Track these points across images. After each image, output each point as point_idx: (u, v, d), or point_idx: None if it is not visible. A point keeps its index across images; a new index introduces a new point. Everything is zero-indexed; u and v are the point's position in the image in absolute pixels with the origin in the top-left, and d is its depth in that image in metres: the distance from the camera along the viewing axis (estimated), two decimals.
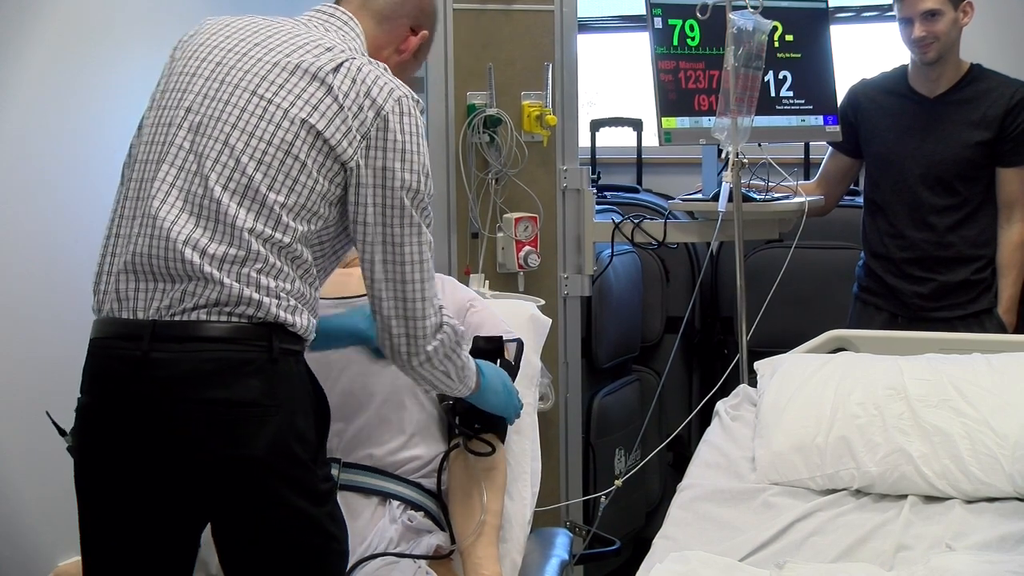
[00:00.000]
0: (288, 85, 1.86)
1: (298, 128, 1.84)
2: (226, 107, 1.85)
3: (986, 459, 2.38)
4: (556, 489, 3.19)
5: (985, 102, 3.11)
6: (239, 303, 1.80)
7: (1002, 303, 3.14)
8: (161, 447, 1.80)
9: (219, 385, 1.78)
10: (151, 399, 1.78)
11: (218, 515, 1.86)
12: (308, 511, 1.87)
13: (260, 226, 1.82)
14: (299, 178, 1.84)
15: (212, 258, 1.80)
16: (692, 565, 2.19)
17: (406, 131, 1.90)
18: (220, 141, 1.83)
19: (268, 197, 1.82)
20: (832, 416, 2.50)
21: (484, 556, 2.32)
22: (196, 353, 1.78)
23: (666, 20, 3.18)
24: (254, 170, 1.82)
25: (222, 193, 1.81)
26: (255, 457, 1.80)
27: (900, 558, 2.25)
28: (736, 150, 3.00)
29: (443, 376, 2.02)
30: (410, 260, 1.92)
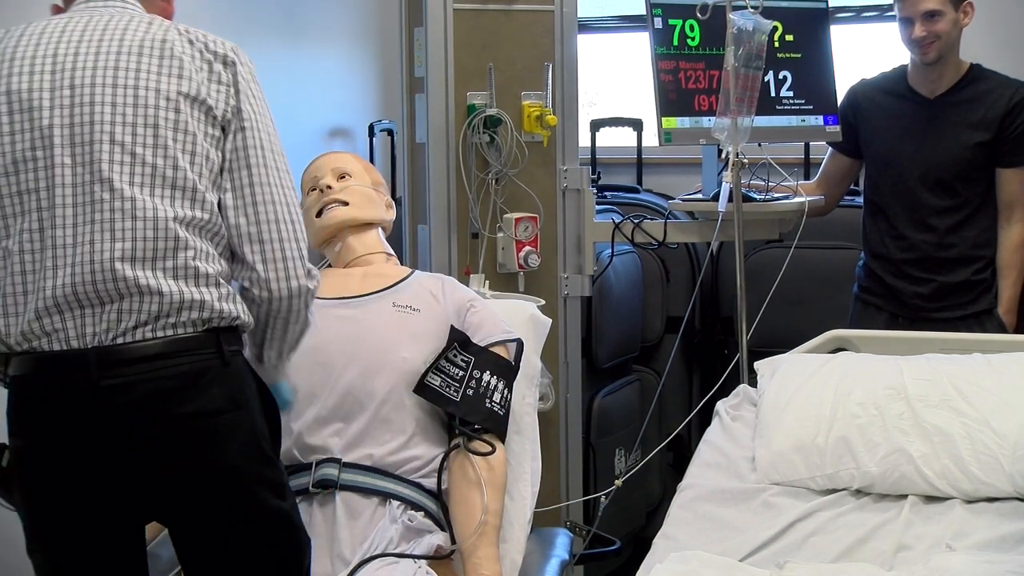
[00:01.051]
0: (143, 65, 1.82)
1: (177, 102, 1.82)
2: (94, 107, 1.79)
3: (986, 459, 2.38)
4: (556, 489, 3.19)
5: (985, 103, 3.11)
6: (181, 309, 1.78)
7: (1002, 303, 3.14)
8: (124, 471, 1.78)
9: (184, 400, 1.78)
10: (111, 426, 1.76)
11: (189, 525, 1.86)
12: (280, 507, 1.91)
13: (180, 210, 1.80)
14: (196, 150, 1.83)
15: (143, 263, 1.77)
16: (692, 565, 2.19)
17: (251, 75, 1.94)
18: (107, 141, 1.78)
19: (177, 178, 1.81)
20: (832, 416, 2.50)
21: (484, 556, 2.32)
22: (152, 372, 1.77)
23: (666, 20, 3.18)
24: (153, 156, 1.80)
25: (132, 190, 1.78)
26: (231, 464, 1.82)
27: (900, 558, 2.25)
28: (736, 150, 3.00)
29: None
30: (281, 201, 1.92)
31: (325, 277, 2.62)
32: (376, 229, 2.67)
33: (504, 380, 2.46)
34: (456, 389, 2.40)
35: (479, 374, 2.42)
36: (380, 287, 2.53)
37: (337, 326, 2.46)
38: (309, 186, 2.68)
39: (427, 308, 2.51)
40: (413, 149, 3.24)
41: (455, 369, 2.42)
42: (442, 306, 2.53)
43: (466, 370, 2.42)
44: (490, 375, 2.43)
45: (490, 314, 2.55)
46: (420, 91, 3.14)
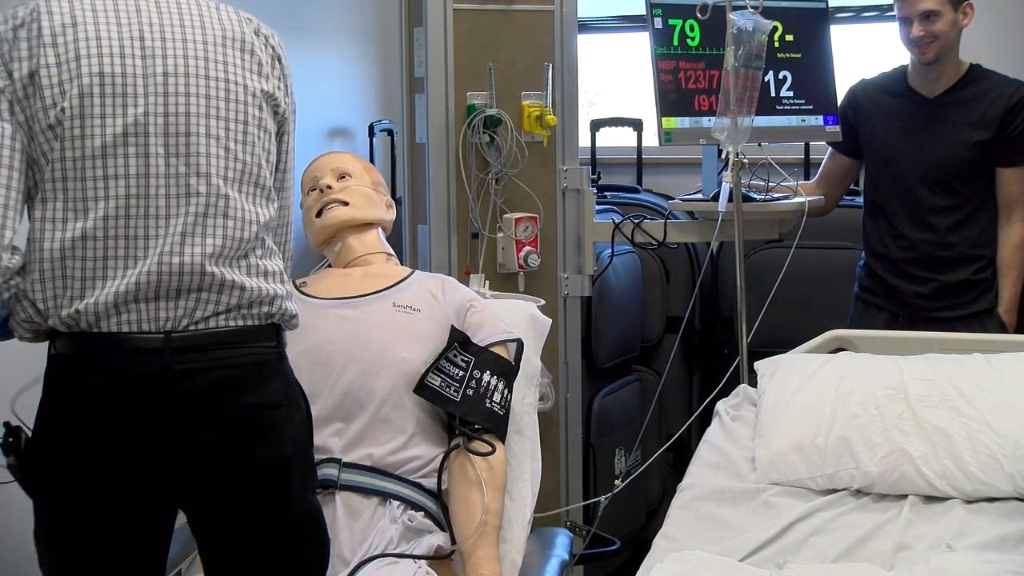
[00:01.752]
0: (230, 58, 1.84)
1: (261, 100, 1.85)
2: (189, 98, 1.79)
3: (986, 459, 2.39)
4: (556, 489, 3.19)
5: (984, 102, 3.11)
6: (257, 303, 1.82)
7: (1003, 303, 3.14)
8: (180, 456, 1.79)
9: (249, 390, 1.81)
10: (176, 411, 1.77)
11: (230, 513, 1.86)
12: (315, 503, 1.96)
13: (262, 210, 1.84)
14: (270, 148, 1.87)
15: (228, 260, 1.80)
16: (692, 565, 2.19)
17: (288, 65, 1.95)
18: (203, 135, 1.79)
19: (260, 176, 1.84)
20: (832, 416, 2.51)
21: (484, 556, 2.32)
22: (222, 360, 1.79)
23: (666, 20, 3.18)
24: (243, 153, 1.82)
25: (227, 187, 1.80)
26: (287, 456, 1.86)
27: (900, 558, 2.25)
28: (736, 150, 3.00)
29: None
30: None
31: (325, 277, 2.63)
32: (376, 229, 2.67)
33: (504, 380, 2.46)
34: (456, 389, 2.40)
35: (479, 374, 2.43)
36: (380, 287, 2.53)
37: (337, 326, 2.46)
38: (309, 186, 2.68)
39: (427, 308, 2.51)
40: (413, 149, 3.24)
41: (455, 369, 2.42)
42: (442, 306, 2.53)
43: (466, 370, 2.43)
44: (490, 375, 2.44)
45: (490, 314, 2.55)
46: (420, 91, 3.13)
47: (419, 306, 2.51)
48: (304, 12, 3.60)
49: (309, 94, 3.61)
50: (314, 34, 3.68)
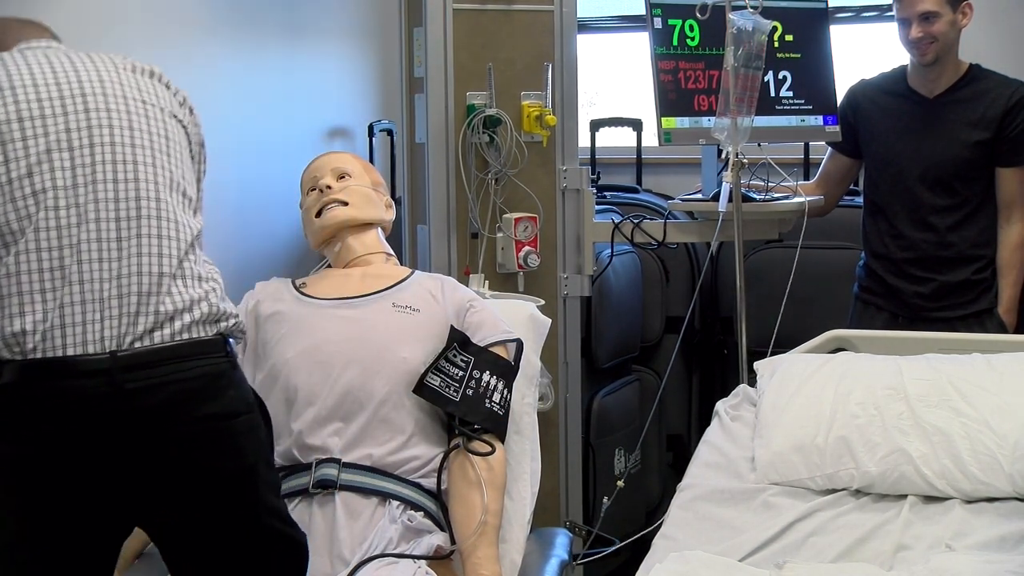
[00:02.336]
0: (142, 84, 1.91)
1: (176, 122, 1.92)
2: (111, 114, 1.84)
3: (986, 459, 2.38)
4: (556, 489, 3.19)
5: (984, 102, 3.11)
6: (191, 308, 1.81)
7: (1002, 303, 3.14)
8: (139, 474, 1.79)
9: (205, 401, 1.80)
10: (132, 430, 1.76)
11: (194, 526, 1.86)
12: (278, 505, 1.96)
13: (193, 219, 1.88)
14: (190, 165, 1.94)
15: (165, 270, 1.80)
16: (692, 565, 2.19)
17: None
18: (127, 145, 1.84)
19: (187, 189, 1.89)
20: (832, 416, 2.50)
21: (484, 556, 2.32)
22: (176, 374, 1.78)
23: (666, 20, 3.18)
24: (168, 163, 1.87)
25: (158, 194, 1.83)
26: (251, 464, 1.86)
27: (900, 558, 2.25)
28: (736, 150, 3.00)
29: None
30: None
31: (324, 277, 2.63)
32: (376, 229, 2.67)
33: (504, 380, 2.46)
34: (456, 389, 2.40)
35: (479, 374, 2.43)
36: (380, 287, 2.53)
37: (337, 326, 2.46)
38: (309, 186, 2.68)
39: (427, 308, 2.51)
40: (413, 149, 3.24)
41: (455, 369, 2.42)
42: (442, 306, 2.53)
43: (466, 370, 2.43)
44: (490, 375, 2.44)
45: (490, 314, 2.55)
46: (420, 91, 3.14)
47: (419, 306, 2.51)
48: (304, 12, 3.61)
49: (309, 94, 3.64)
50: (314, 34, 3.68)
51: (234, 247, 3.11)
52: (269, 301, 2.54)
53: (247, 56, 3.24)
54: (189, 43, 2.95)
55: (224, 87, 3.13)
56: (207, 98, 3.04)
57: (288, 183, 2.84)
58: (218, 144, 3.11)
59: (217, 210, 3.05)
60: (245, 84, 3.23)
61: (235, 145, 3.19)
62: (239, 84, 3.20)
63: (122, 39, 2.71)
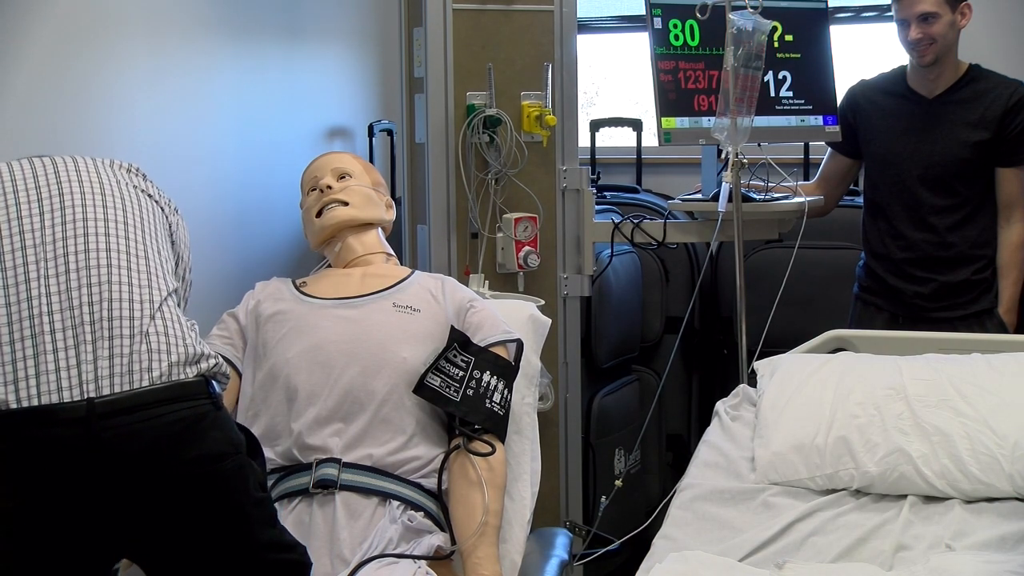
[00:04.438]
0: (119, 175, 1.99)
1: (142, 198, 1.98)
2: (84, 197, 1.90)
3: (985, 459, 2.38)
4: (556, 489, 3.19)
5: (984, 102, 3.11)
6: (170, 351, 1.81)
7: (1003, 303, 3.14)
8: (123, 521, 1.78)
9: (188, 444, 1.79)
10: (113, 478, 1.74)
11: (185, 569, 1.86)
12: (272, 536, 1.95)
13: (167, 281, 1.91)
14: (166, 235, 2.01)
15: (141, 313, 1.82)
16: (692, 565, 2.19)
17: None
18: (101, 233, 1.88)
19: (163, 258, 1.95)
20: (831, 416, 2.50)
21: (484, 556, 2.32)
22: (154, 419, 1.76)
23: (666, 20, 3.18)
24: (143, 237, 1.93)
25: (135, 252, 1.89)
26: (237, 506, 1.85)
27: (900, 558, 2.25)
28: (736, 150, 3.01)
29: None
30: None
31: (325, 277, 2.63)
32: (376, 229, 2.67)
33: (504, 380, 2.46)
34: (456, 389, 2.40)
35: (479, 374, 2.43)
36: (380, 287, 2.53)
37: (337, 326, 2.46)
38: (309, 186, 2.68)
39: (427, 308, 2.52)
40: (413, 149, 3.24)
41: (455, 369, 2.42)
42: (442, 306, 2.53)
43: (466, 370, 2.43)
44: (490, 375, 2.44)
45: (490, 314, 2.55)
46: (419, 91, 3.14)
47: (419, 306, 2.51)
48: (304, 12, 3.61)
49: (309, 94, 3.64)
50: (314, 34, 3.69)
51: (234, 247, 3.12)
52: (269, 301, 2.54)
53: (247, 56, 3.24)
54: (190, 44, 2.96)
55: (224, 87, 3.13)
56: (207, 98, 3.06)
57: (288, 183, 2.84)
58: (218, 144, 3.13)
59: (217, 210, 3.07)
60: (245, 84, 3.23)
61: (235, 145, 3.20)
62: (239, 84, 3.20)
63: (123, 40, 2.72)
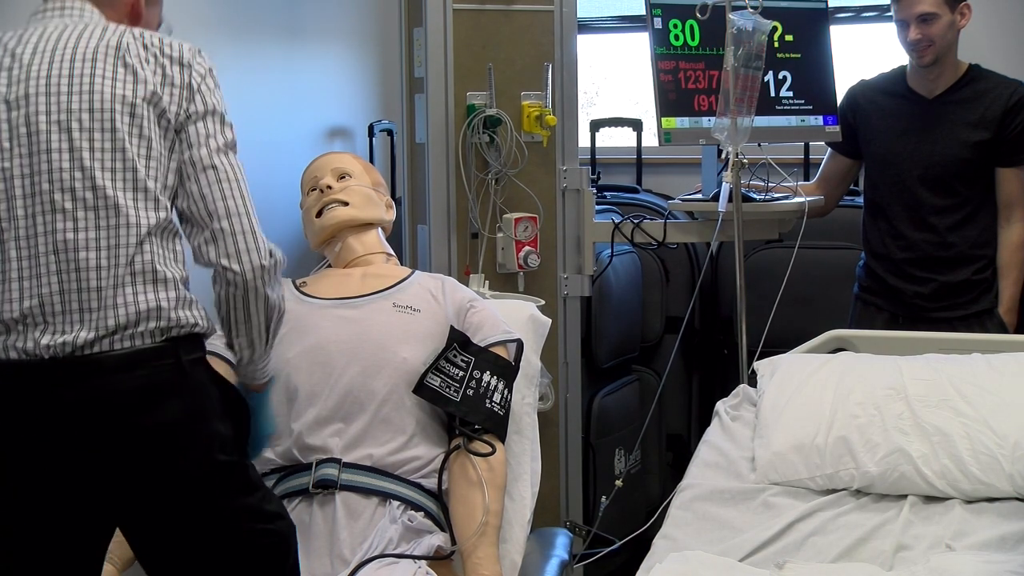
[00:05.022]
0: (97, 70, 1.82)
1: (132, 106, 1.82)
2: (51, 115, 1.80)
3: (986, 459, 2.38)
4: (556, 489, 3.19)
5: (984, 102, 3.11)
6: (139, 321, 1.78)
7: (1003, 303, 3.14)
8: (82, 480, 1.79)
9: (141, 412, 1.78)
10: (68, 437, 1.76)
11: (151, 533, 1.86)
12: (247, 503, 1.91)
13: (143, 214, 1.80)
14: (151, 154, 1.83)
15: (109, 270, 1.77)
16: (692, 565, 2.20)
17: (205, 76, 1.93)
18: (65, 151, 1.79)
19: (138, 181, 1.81)
20: (832, 416, 2.51)
21: (484, 556, 2.33)
22: (110, 386, 1.76)
23: (666, 20, 3.18)
24: (112, 161, 1.80)
25: (98, 196, 1.78)
26: (186, 473, 1.82)
27: (900, 558, 2.25)
28: (736, 150, 3.01)
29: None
30: (229, 179, 1.92)
31: (325, 277, 2.63)
32: (376, 229, 2.68)
33: (504, 380, 2.47)
34: (456, 389, 2.41)
35: (479, 374, 2.43)
36: (380, 287, 2.54)
37: (337, 326, 2.46)
38: (309, 186, 2.68)
39: (427, 308, 2.52)
40: (413, 149, 3.24)
41: (455, 369, 2.43)
42: (442, 306, 2.54)
43: (466, 370, 2.43)
44: (490, 375, 2.44)
45: (490, 314, 2.55)
46: (420, 91, 3.14)
47: (419, 306, 2.52)
48: (304, 12, 3.61)
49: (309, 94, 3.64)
50: (314, 34, 3.68)
51: None
52: None
53: (247, 56, 3.24)
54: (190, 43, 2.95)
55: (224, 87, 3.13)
56: None
57: (288, 183, 2.84)
58: None
59: None
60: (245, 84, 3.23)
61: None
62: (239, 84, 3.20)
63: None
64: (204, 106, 1.89)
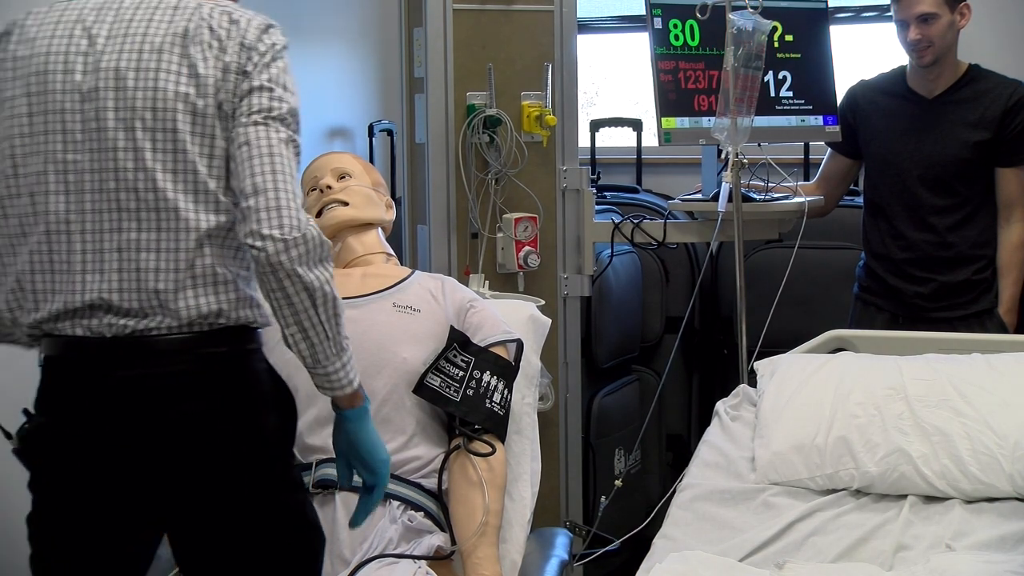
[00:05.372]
0: (163, 64, 1.78)
1: (193, 104, 1.79)
2: (117, 112, 1.78)
3: (985, 459, 2.39)
4: (556, 489, 3.20)
5: (983, 102, 3.12)
6: (198, 320, 1.79)
7: (1003, 303, 3.15)
8: (130, 463, 1.79)
9: (190, 398, 1.78)
10: (121, 417, 1.77)
11: (191, 523, 1.85)
12: (289, 502, 1.91)
13: (204, 217, 1.79)
14: (213, 152, 1.80)
15: (168, 273, 1.77)
16: (692, 565, 2.20)
17: (270, 59, 1.84)
18: (129, 149, 1.78)
19: (199, 183, 1.79)
20: (831, 416, 2.52)
21: (484, 556, 2.33)
22: (162, 368, 1.77)
23: (666, 20, 3.19)
24: (174, 162, 1.78)
25: (159, 199, 1.77)
26: (233, 463, 1.82)
27: (900, 558, 2.26)
28: (736, 150, 3.01)
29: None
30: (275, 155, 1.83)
31: None
32: (376, 229, 2.68)
33: (504, 380, 2.47)
34: (456, 389, 2.41)
35: (479, 374, 2.43)
36: (380, 287, 2.54)
37: None
38: (309, 186, 2.68)
39: (427, 309, 2.52)
40: (413, 149, 3.25)
41: (455, 369, 2.43)
42: (442, 307, 2.54)
43: (466, 370, 2.43)
44: (490, 375, 2.44)
45: (490, 314, 2.56)
46: (420, 91, 3.15)
47: (419, 306, 2.52)
48: (304, 12, 3.61)
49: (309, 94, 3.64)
50: (314, 34, 3.69)
51: None
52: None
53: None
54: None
55: None
56: None
57: None
58: None
59: None
60: None
61: None
62: None
63: None
64: (252, 83, 1.80)
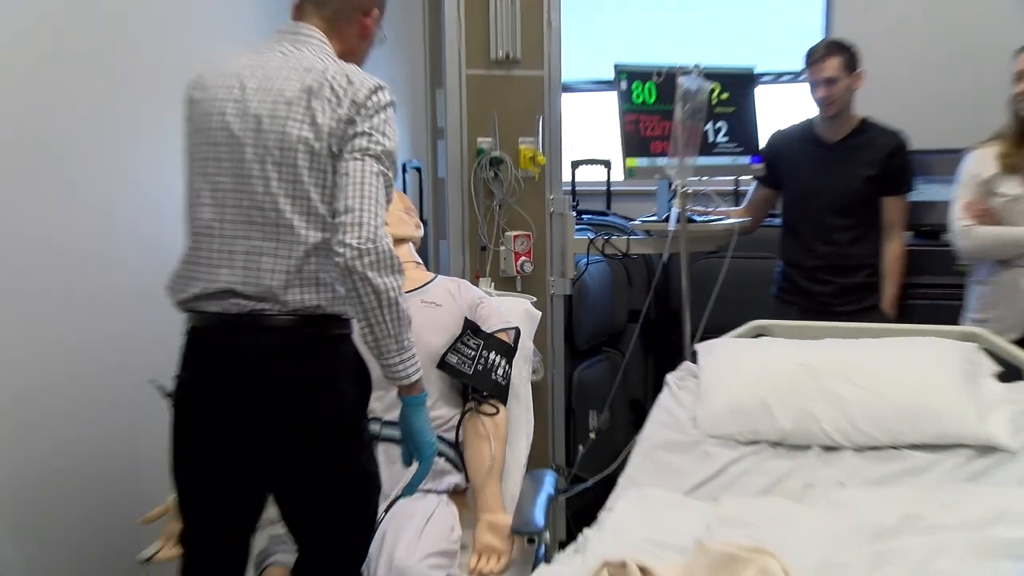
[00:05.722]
0: (292, 113, 1.79)
1: (310, 146, 1.78)
2: (256, 149, 1.80)
3: (871, 418, 2.39)
4: (545, 440, 3.19)
5: (873, 147, 3.12)
6: (298, 309, 1.80)
7: (885, 300, 3.15)
8: (242, 404, 1.79)
9: (288, 364, 1.77)
10: (237, 378, 1.78)
11: (285, 459, 1.82)
12: (359, 459, 1.89)
13: (313, 233, 1.79)
14: (325, 183, 1.80)
15: (286, 275, 1.77)
16: (648, 499, 2.22)
17: (374, 113, 1.86)
18: (258, 177, 1.80)
19: (311, 207, 1.79)
20: (755, 385, 2.50)
21: (490, 492, 2.35)
22: (270, 340, 1.78)
23: (630, 83, 3.17)
24: (293, 189, 1.79)
25: (285, 214, 1.78)
26: (319, 420, 1.80)
27: (806, 493, 2.28)
28: (683, 183, 3.03)
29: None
30: (365, 182, 1.85)
31: None
32: (408, 244, 2.67)
33: (506, 358, 2.47)
34: (469, 365, 2.42)
35: (487, 354, 2.44)
36: (411, 288, 2.54)
37: None
38: None
39: (447, 304, 2.52)
40: (436, 182, 3.24)
41: (468, 350, 2.44)
42: (458, 303, 2.54)
43: (477, 351, 2.44)
44: (495, 354, 2.45)
45: (495, 308, 2.56)
46: (441, 137, 3.14)
47: (441, 302, 2.52)
48: None
49: None
50: None
51: None
52: None
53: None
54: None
55: None
56: None
57: None
58: None
59: None
60: None
61: None
62: None
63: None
64: (356, 129, 1.80)
